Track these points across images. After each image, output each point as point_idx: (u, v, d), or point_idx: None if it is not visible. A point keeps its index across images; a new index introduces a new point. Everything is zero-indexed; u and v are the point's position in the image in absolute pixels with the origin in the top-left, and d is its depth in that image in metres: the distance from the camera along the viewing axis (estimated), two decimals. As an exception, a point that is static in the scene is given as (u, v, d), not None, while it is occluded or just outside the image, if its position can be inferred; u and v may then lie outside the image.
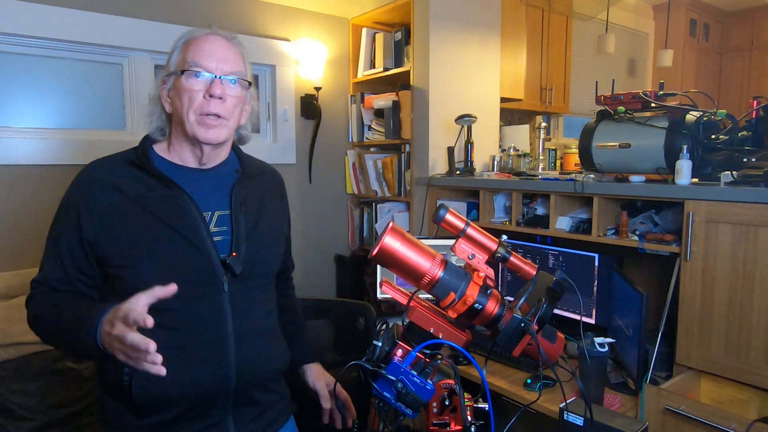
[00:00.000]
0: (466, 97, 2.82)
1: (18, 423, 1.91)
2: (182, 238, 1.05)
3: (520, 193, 2.28)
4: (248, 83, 1.15)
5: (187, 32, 1.13)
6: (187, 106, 1.07)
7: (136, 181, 1.08)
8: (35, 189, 2.26)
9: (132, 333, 0.84)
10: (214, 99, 1.06)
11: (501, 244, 0.87)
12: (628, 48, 4.94)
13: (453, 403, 0.92)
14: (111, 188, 1.06)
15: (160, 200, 1.07)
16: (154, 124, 1.15)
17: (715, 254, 1.61)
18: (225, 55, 1.09)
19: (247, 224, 1.14)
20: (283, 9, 2.91)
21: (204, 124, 1.07)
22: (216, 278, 1.07)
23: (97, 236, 1.04)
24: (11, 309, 2.02)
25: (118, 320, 0.86)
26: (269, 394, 1.19)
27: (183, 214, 1.07)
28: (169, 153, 1.15)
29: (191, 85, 1.06)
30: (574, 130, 3.93)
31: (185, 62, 1.08)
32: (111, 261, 1.05)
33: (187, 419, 1.06)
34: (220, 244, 1.09)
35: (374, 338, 0.87)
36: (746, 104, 4.13)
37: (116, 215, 1.05)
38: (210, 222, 1.10)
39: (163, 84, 1.12)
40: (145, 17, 2.47)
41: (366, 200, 3.18)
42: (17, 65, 2.26)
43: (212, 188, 1.14)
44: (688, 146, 1.70)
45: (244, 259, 1.10)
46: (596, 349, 1.68)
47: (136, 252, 1.04)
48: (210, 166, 1.16)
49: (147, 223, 1.05)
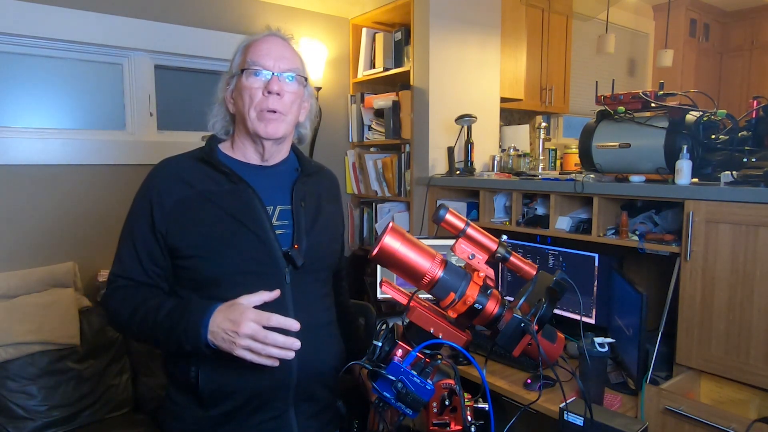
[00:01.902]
0: (466, 97, 2.82)
1: (18, 423, 1.91)
2: (247, 230, 1.10)
3: (520, 193, 2.28)
4: (305, 80, 1.20)
5: (248, 36, 1.20)
6: (248, 104, 1.12)
7: (205, 177, 1.14)
8: (35, 189, 2.27)
9: (273, 333, 0.94)
10: (273, 95, 1.12)
11: (501, 244, 0.87)
12: (628, 48, 4.94)
13: (453, 403, 0.92)
14: (181, 183, 1.12)
15: (226, 194, 1.12)
16: (218, 125, 1.22)
17: (715, 254, 1.61)
18: (281, 54, 1.15)
19: (307, 219, 1.18)
20: (283, 9, 2.91)
21: (264, 119, 1.13)
22: (278, 270, 1.11)
23: (168, 228, 1.10)
24: (11, 309, 2.02)
25: (249, 320, 0.94)
26: (328, 393, 1.21)
27: (248, 208, 1.12)
28: (233, 151, 1.20)
29: (251, 83, 1.12)
30: (574, 130, 3.93)
31: (245, 62, 1.14)
32: (181, 252, 1.09)
33: (249, 411, 1.10)
34: (282, 237, 1.14)
35: (374, 338, 0.87)
36: (746, 104, 4.13)
37: (186, 208, 1.10)
38: (273, 215, 1.15)
39: (227, 86, 1.19)
40: (145, 17, 2.47)
41: (366, 200, 3.18)
42: (17, 65, 2.27)
43: (274, 184, 1.20)
44: (688, 146, 1.70)
45: (305, 252, 1.14)
46: (596, 349, 1.68)
47: (204, 243, 1.09)
48: (272, 163, 1.22)
49: (214, 216, 1.10)
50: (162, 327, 1.05)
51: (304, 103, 1.23)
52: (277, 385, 1.10)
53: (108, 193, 2.41)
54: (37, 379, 1.97)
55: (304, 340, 1.10)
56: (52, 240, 2.30)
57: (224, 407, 1.09)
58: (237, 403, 1.09)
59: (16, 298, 2.07)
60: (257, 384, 1.08)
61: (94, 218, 2.38)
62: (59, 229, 2.32)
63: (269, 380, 1.08)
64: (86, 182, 2.38)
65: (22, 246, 2.24)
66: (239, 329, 0.94)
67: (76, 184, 2.36)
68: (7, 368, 1.94)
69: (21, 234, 2.24)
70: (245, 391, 1.08)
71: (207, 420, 1.10)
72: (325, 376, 1.19)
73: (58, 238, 2.31)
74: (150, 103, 2.56)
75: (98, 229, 2.38)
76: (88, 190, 2.39)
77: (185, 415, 1.13)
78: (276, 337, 0.94)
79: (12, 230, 2.22)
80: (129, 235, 1.14)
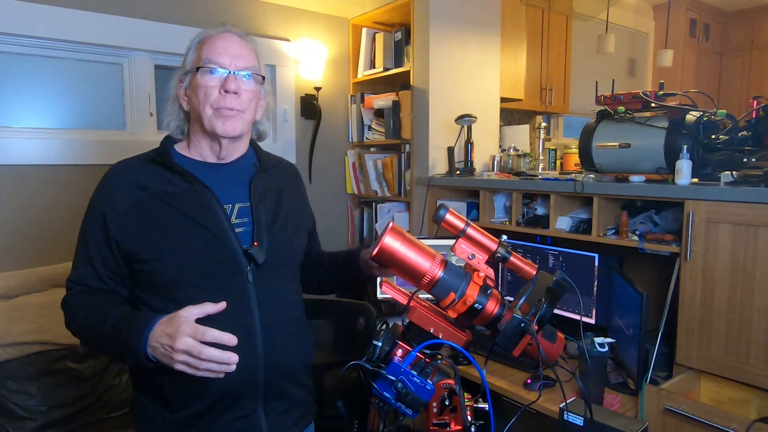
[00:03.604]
0: (466, 97, 2.82)
1: (18, 423, 1.91)
2: (205, 230, 1.09)
3: (520, 193, 2.28)
4: (262, 78, 1.18)
5: (202, 31, 1.17)
6: (204, 102, 1.10)
7: (159, 178, 1.11)
8: (35, 189, 2.27)
9: (208, 348, 0.91)
10: (230, 94, 1.10)
11: (501, 244, 0.87)
12: (628, 48, 4.94)
13: (453, 403, 0.92)
14: (135, 186, 1.10)
15: (182, 195, 1.10)
16: (173, 124, 1.19)
17: (715, 254, 1.61)
18: (238, 51, 1.13)
19: (267, 215, 1.17)
20: (283, 9, 2.91)
21: (221, 116, 1.10)
22: (239, 268, 1.10)
23: (123, 234, 1.08)
24: (11, 309, 2.02)
25: (183, 335, 0.91)
26: (299, 389, 1.21)
27: (204, 208, 1.10)
28: (189, 150, 1.18)
29: (206, 82, 1.10)
30: (574, 130, 3.92)
31: (200, 60, 1.11)
32: (138, 256, 1.08)
33: (218, 411, 1.09)
34: (242, 235, 1.12)
35: (374, 338, 0.87)
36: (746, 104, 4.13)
37: (141, 211, 1.08)
38: (231, 214, 1.13)
39: (180, 83, 1.17)
40: (145, 17, 2.47)
41: (366, 200, 3.18)
42: (17, 65, 2.26)
43: (232, 181, 1.17)
44: (688, 146, 1.70)
45: (266, 249, 1.12)
46: (596, 349, 1.68)
47: (161, 246, 1.07)
48: (229, 160, 1.19)
49: (171, 218, 1.08)
50: (107, 340, 1.04)
51: (261, 101, 1.20)
52: (244, 384, 1.09)
53: (108, 193, 2.41)
54: (37, 379, 1.97)
55: (270, 338, 1.11)
56: (52, 240, 2.30)
57: (191, 410, 1.08)
58: (204, 405, 1.08)
59: (16, 298, 2.07)
60: (224, 385, 1.06)
61: (94, 218, 2.38)
62: (59, 229, 2.32)
63: (236, 381, 1.06)
64: (86, 182, 2.37)
65: (22, 246, 2.24)
66: (174, 344, 0.92)
67: (76, 184, 2.36)
68: (7, 368, 1.94)
69: (21, 234, 2.24)
70: (212, 392, 1.07)
71: (174, 423, 1.09)
72: (294, 372, 1.18)
73: (58, 238, 2.31)
74: (150, 103, 2.56)
75: (98, 229, 2.38)
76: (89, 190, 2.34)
77: (153, 418, 1.12)
78: (212, 353, 0.91)
79: (12, 230, 2.22)
80: (83, 242, 1.12)
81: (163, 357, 0.95)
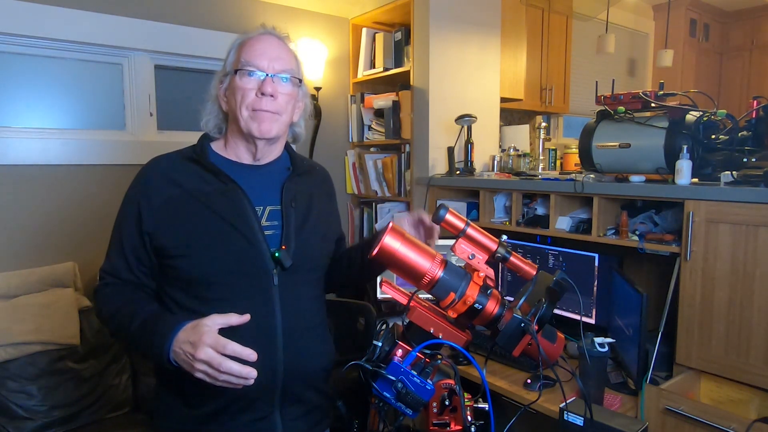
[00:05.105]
0: (466, 97, 2.82)
1: (18, 423, 1.91)
2: (235, 230, 1.10)
3: (520, 193, 2.28)
4: (299, 80, 1.19)
5: (243, 34, 1.18)
6: (240, 103, 1.11)
7: (194, 176, 1.13)
8: (35, 189, 2.27)
9: (228, 362, 0.92)
10: (266, 96, 1.11)
11: (501, 244, 0.87)
12: (628, 48, 4.94)
13: (453, 403, 0.92)
14: (170, 182, 1.12)
15: (215, 194, 1.11)
16: (212, 123, 1.21)
17: (715, 254, 1.61)
18: (277, 54, 1.14)
19: (297, 219, 1.17)
20: (283, 9, 2.91)
21: (257, 119, 1.12)
22: (266, 271, 1.11)
23: (156, 228, 1.10)
24: (11, 309, 2.02)
25: (205, 345, 0.92)
26: (317, 394, 1.21)
27: (236, 208, 1.11)
28: (226, 150, 1.20)
29: (244, 84, 1.11)
30: (574, 130, 3.93)
31: (239, 62, 1.13)
32: (167, 251, 1.09)
33: (234, 411, 1.10)
34: (271, 238, 1.13)
35: (374, 338, 0.87)
36: (746, 104, 4.13)
37: (174, 208, 1.10)
38: (262, 216, 1.14)
39: (220, 84, 1.18)
40: (145, 17, 2.47)
41: (366, 200, 3.18)
42: (17, 65, 2.26)
43: (265, 184, 1.18)
44: (688, 146, 1.70)
45: (293, 253, 1.13)
46: (596, 349, 1.68)
47: (191, 243, 1.08)
48: (264, 162, 1.21)
49: (202, 216, 1.10)
50: (134, 337, 1.06)
51: (299, 102, 1.22)
52: (262, 388, 1.09)
53: (108, 193, 2.41)
54: (37, 379, 1.97)
55: (291, 343, 1.11)
56: (52, 240, 2.30)
57: (209, 407, 1.10)
58: (222, 404, 1.09)
59: (16, 298, 2.07)
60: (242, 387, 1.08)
61: (94, 218, 2.38)
62: (59, 229, 2.32)
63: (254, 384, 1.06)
64: (86, 182, 2.38)
65: (22, 246, 2.24)
66: (195, 353, 0.93)
67: (76, 184, 2.36)
68: (7, 368, 1.94)
69: (21, 234, 2.24)
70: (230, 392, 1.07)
71: (193, 419, 1.11)
72: (313, 378, 1.18)
73: (58, 238, 2.31)
74: (150, 103, 2.56)
75: (98, 229, 2.38)
76: (88, 190, 2.39)
77: (173, 413, 1.14)
78: (231, 366, 0.92)
79: (12, 230, 2.22)
80: (117, 233, 1.14)
81: (184, 363, 0.97)
